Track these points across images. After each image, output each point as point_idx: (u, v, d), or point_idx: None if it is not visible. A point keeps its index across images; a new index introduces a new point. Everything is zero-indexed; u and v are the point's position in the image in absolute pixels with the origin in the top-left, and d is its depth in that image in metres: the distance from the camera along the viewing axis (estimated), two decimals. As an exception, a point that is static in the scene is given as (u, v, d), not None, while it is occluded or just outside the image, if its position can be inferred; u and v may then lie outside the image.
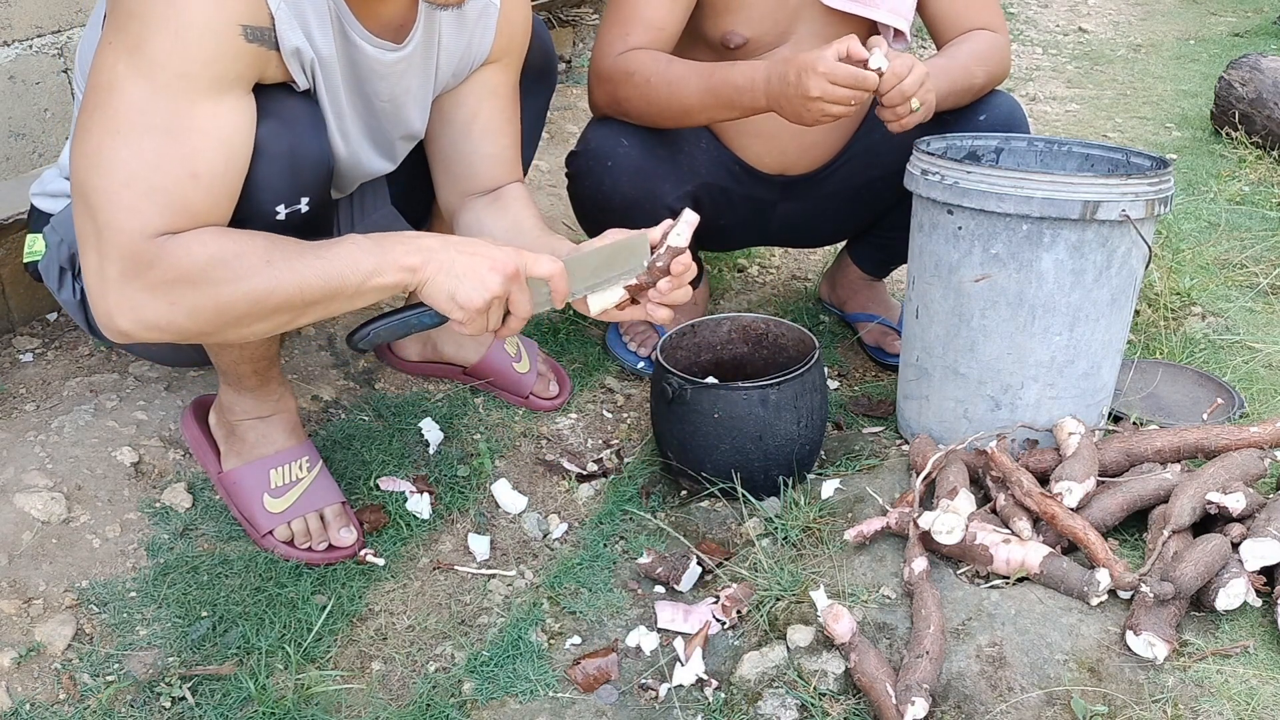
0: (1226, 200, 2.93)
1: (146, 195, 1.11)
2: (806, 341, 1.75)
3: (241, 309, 1.15)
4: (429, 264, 1.19)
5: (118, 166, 1.10)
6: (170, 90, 1.11)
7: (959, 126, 1.85)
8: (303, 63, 1.22)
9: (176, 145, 1.12)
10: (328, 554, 1.53)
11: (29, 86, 1.92)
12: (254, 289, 1.14)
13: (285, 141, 1.22)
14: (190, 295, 1.13)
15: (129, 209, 1.11)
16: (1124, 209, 1.48)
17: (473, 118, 1.51)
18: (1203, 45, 5.08)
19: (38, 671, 1.31)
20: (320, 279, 1.16)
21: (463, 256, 1.20)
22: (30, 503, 1.47)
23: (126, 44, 1.10)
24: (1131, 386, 1.82)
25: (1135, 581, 1.29)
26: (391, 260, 1.18)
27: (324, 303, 1.18)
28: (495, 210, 1.49)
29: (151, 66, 1.10)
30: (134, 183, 1.10)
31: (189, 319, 1.14)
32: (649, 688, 1.39)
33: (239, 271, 1.13)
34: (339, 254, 1.17)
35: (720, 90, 1.67)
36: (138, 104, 1.10)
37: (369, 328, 1.27)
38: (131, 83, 1.10)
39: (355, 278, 1.17)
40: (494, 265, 1.19)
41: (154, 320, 1.13)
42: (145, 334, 1.15)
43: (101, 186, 1.11)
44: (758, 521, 1.60)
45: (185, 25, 1.10)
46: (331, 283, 1.16)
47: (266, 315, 1.17)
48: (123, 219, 1.10)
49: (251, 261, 1.14)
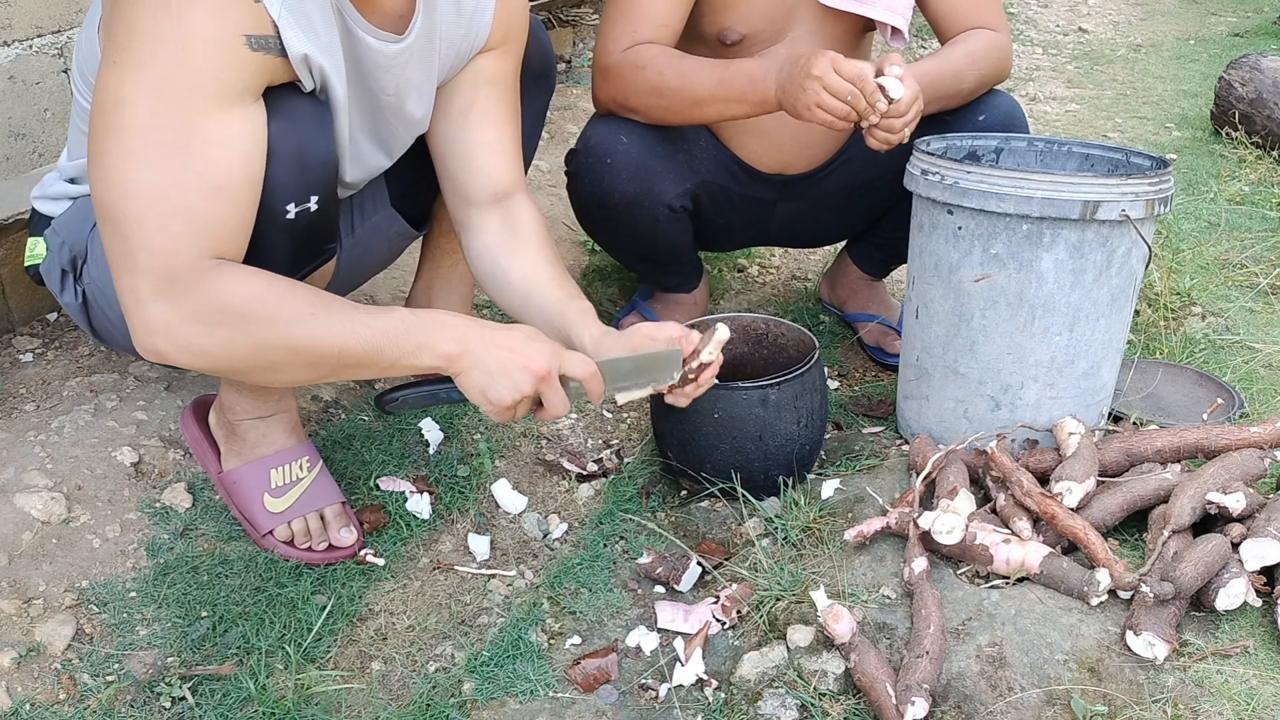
0: (1226, 200, 2.93)
1: (174, 213, 1.12)
2: (806, 341, 1.75)
3: (278, 354, 1.17)
4: (465, 356, 1.23)
5: (141, 187, 1.11)
6: (181, 106, 1.11)
7: (958, 126, 1.85)
8: (311, 67, 1.23)
9: (195, 160, 1.12)
10: (328, 554, 1.53)
11: (29, 86, 1.92)
12: (292, 335, 1.16)
13: (293, 140, 1.22)
14: (227, 328, 1.14)
15: (159, 229, 1.11)
16: (1124, 209, 1.48)
17: (469, 106, 1.50)
18: (1203, 45, 5.08)
19: (38, 671, 1.31)
20: (359, 343, 1.18)
21: (499, 352, 1.23)
22: (30, 503, 1.47)
23: (131, 62, 1.10)
24: (1131, 386, 1.82)
25: (1135, 581, 1.29)
26: (431, 345, 1.22)
27: (357, 367, 1.22)
28: (511, 251, 1.49)
29: (159, 83, 1.10)
30: (160, 202, 1.11)
31: (224, 350, 1.15)
32: (649, 688, 1.39)
33: (280, 314, 1.15)
34: (382, 324, 1.20)
35: (734, 81, 1.68)
36: (150, 123, 1.10)
37: (400, 394, 1.34)
38: (141, 102, 1.10)
39: (393, 352, 1.20)
40: (527, 365, 1.23)
41: (189, 344, 1.14)
42: (180, 357, 1.16)
43: (129, 209, 1.11)
44: (758, 521, 1.60)
45: (189, 39, 1.10)
46: (370, 350, 1.19)
47: (301, 366, 1.19)
48: (155, 240, 1.11)
49: (295, 307, 1.16)
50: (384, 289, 2.18)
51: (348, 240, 1.63)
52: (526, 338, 1.26)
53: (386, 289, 2.18)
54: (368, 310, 1.22)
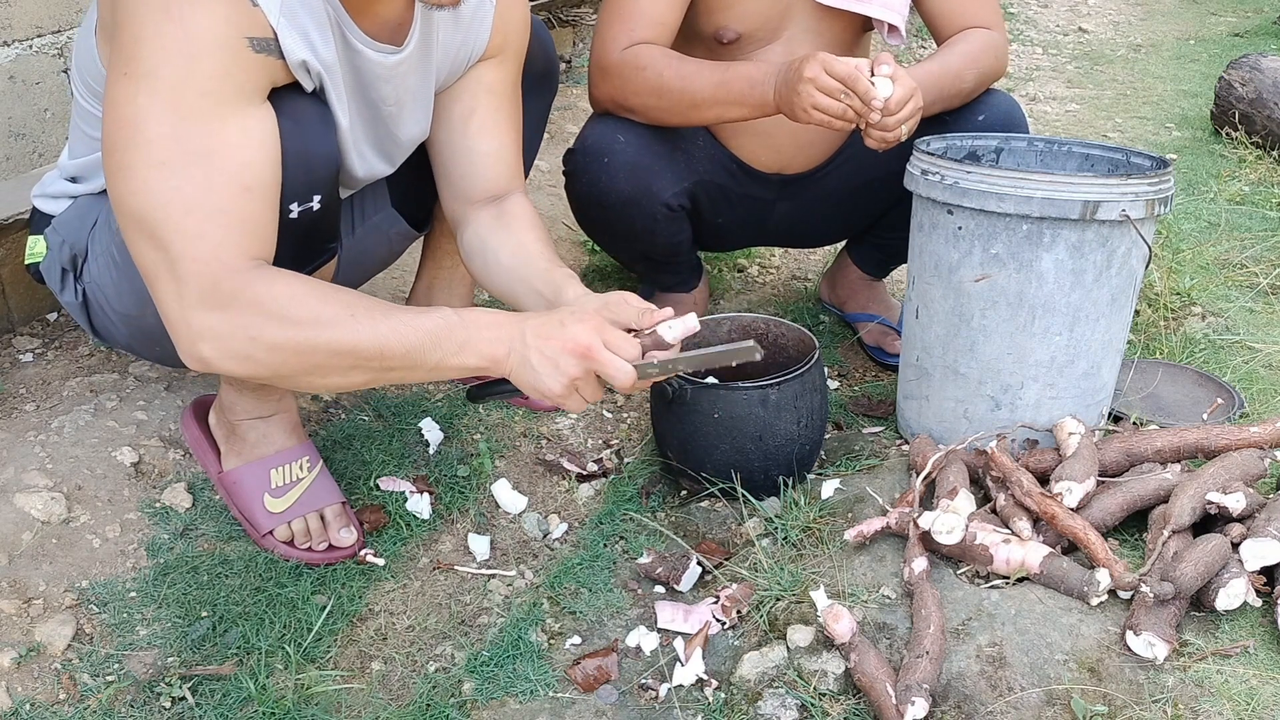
0: (1226, 200, 2.93)
1: (210, 218, 1.12)
2: (806, 341, 1.75)
3: (321, 356, 1.16)
4: (511, 355, 1.20)
5: (174, 197, 1.11)
6: (197, 112, 1.11)
7: (958, 126, 1.85)
8: (310, 71, 1.23)
9: (222, 164, 1.12)
10: (328, 554, 1.53)
11: (29, 86, 1.92)
12: (335, 338, 1.15)
13: (297, 139, 1.22)
14: (270, 331, 1.13)
15: (198, 236, 1.11)
16: (1124, 209, 1.48)
17: (469, 114, 1.50)
18: (1203, 45, 5.08)
19: (38, 671, 1.31)
20: (401, 344, 1.17)
21: (539, 342, 1.19)
22: (30, 503, 1.47)
23: (140, 72, 1.10)
24: (1131, 386, 1.82)
25: (1135, 581, 1.29)
26: (475, 346, 1.20)
27: (402, 369, 1.19)
28: (500, 231, 1.48)
29: (172, 91, 1.10)
30: (194, 209, 1.11)
31: (269, 355, 1.14)
32: (649, 688, 1.39)
33: (321, 316, 1.14)
34: (424, 325, 1.18)
35: (733, 84, 1.68)
36: (170, 132, 1.10)
37: (491, 389, 1.35)
38: (157, 112, 1.10)
39: (436, 354, 1.18)
40: (566, 347, 1.19)
41: (235, 350, 1.14)
42: (226, 363, 1.15)
43: (165, 219, 1.11)
44: (758, 521, 1.60)
45: (194, 44, 1.10)
46: (413, 352, 1.17)
47: (346, 369, 1.18)
48: (195, 247, 1.11)
49: (335, 311, 1.15)
50: (384, 289, 2.18)
51: (348, 240, 1.63)
52: (564, 319, 1.21)
53: (386, 289, 2.18)
54: (410, 311, 1.20)
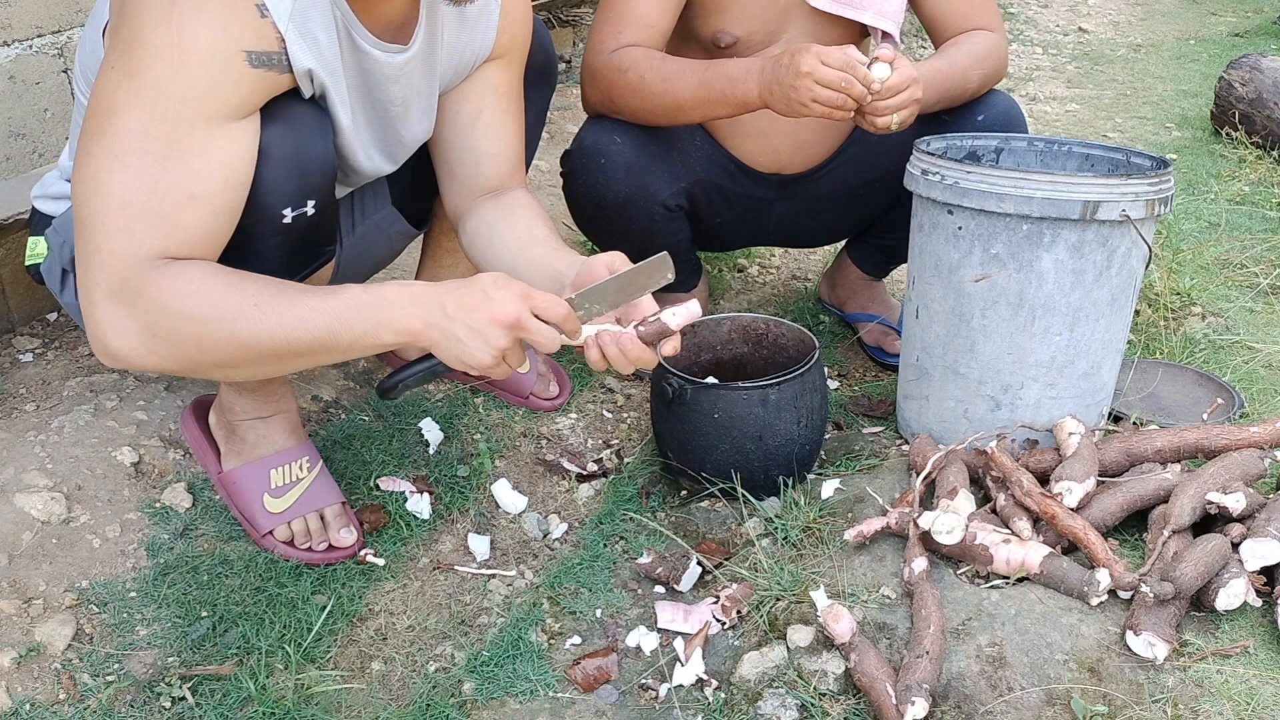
0: (1226, 200, 2.93)
1: (141, 218, 1.11)
2: (806, 341, 1.75)
3: (226, 350, 1.14)
4: (430, 329, 1.16)
5: (114, 190, 1.11)
6: (170, 116, 1.11)
7: (958, 126, 1.85)
8: (313, 80, 1.23)
9: (174, 168, 1.12)
10: (328, 554, 1.53)
11: (29, 86, 1.92)
12: (236, 331, 1.13)
13: (291, 145, 1.21)
14: (173, 328, 1.12)
15: (122, 231, 1.11)
16: (1124, 209, 1.48)
17: (476, 115, 1.50)
18: (1203, 45, 5.08)
19: (38, 671, 1.31)
20: (308, 331, 1.14)
21: (462, 313, 1.15)
22: (30, 503, 1.47)
23: (128, 69, 1.11)
24: (1131, 386, 1.82)
25: (1135, 581, 1.29)
26: (389, 322, 1.16)
27: (314, 354, 1.17)
28: (504, 220, 1.46)
29: (152, 92, 1.10)
30: (129, 207, 1.11)
31: (173, 350, 1.14)
32: (649, 688, 1.39)
33: (224, 311, 1.12)
34: (333, 308, 1.14)
35: (714, 83, 1.67)
36: (137, 129, 1.10)
37: (398, 377, 1.28)
38: (132, 108, 1.10)
39: (348, 336, 1.15)
40: (493, 318, 1.15)
41: (139, 346, 1.13)
42: (134, 358, 1.14)
43: (97, 209, 1.11)
44: (758, 521, 1.60)
45: (187, 52, 1.10)
46: (322, 338, 1.15)
47: (253, 361, 1.16)
48: (115, 241, 1.11)
49: (237, 303, 1.13)
50: (384, 289, 2.17)
51: (348, 238, 1.63)
52: (486, 289, 1.16)
53: (386, 289, 2.18)
54: (318, 293, 1.16)
